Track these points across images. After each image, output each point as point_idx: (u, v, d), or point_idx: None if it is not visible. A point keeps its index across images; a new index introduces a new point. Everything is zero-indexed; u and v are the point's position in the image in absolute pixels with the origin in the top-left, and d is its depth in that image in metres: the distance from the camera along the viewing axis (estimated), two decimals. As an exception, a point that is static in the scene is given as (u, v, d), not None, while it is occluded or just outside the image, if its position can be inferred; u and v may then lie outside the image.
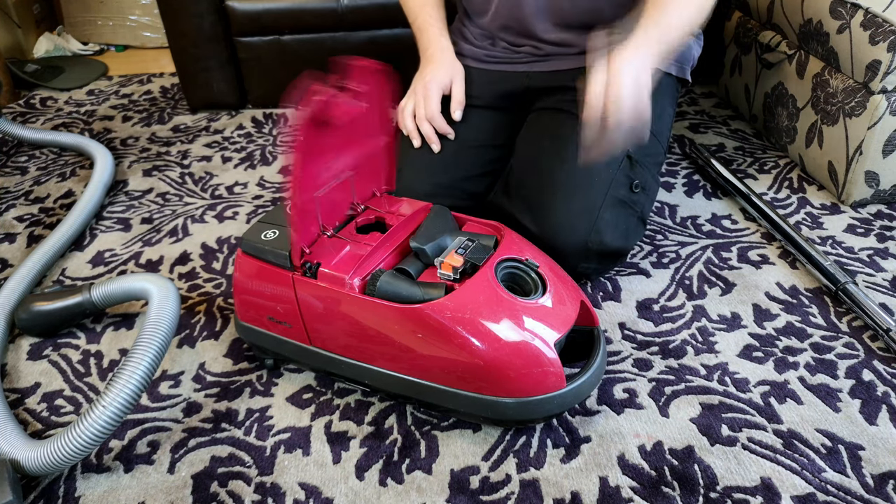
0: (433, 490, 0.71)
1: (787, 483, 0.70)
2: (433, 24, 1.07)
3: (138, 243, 1.15)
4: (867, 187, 1.13)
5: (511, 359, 0.69)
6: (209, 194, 1.30)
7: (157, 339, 0.78)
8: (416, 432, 0.78)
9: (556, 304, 0.73)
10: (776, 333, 0.89)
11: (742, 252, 1.05)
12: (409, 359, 0.73)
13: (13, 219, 1.25)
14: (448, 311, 0.69)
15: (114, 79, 1.91)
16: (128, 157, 1.45)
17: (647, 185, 0.96)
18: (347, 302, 0.73)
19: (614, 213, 0.91)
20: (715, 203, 1.18)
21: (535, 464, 0.73)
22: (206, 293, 1.02)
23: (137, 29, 2.11)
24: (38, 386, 0.87)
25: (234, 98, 1.65)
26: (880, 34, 1.02)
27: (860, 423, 0.76)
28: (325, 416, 0.80)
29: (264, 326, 0.82)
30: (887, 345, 0.86)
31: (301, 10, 1.52)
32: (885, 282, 0.97)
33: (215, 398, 0.84)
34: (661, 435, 0.76)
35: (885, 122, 1.06)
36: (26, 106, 1.74)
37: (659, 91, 1.03)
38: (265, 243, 0.77)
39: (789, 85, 1.26)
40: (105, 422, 0.70)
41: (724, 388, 0.81)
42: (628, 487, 0.70)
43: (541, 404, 0.71)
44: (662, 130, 1.01)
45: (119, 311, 0.99)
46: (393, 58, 0.92)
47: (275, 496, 0.71)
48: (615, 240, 0.92)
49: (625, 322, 0.92)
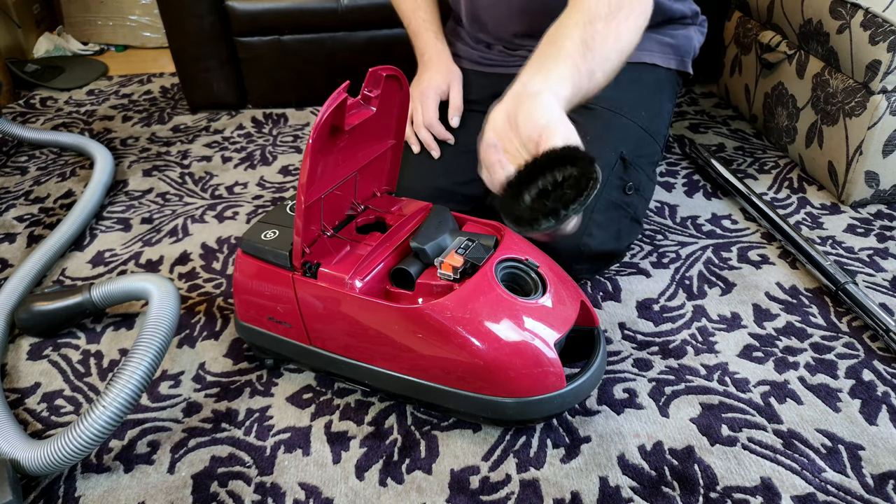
0: (433, 490, 0.71)
1: (787, 483, 0.70)
2: (428, 28, 1.07)
3: (138, 243, 1.15)
4: (867, 187, 1.13)
5: (511, 359, 0.69)
6: (209, 194, 1.30)
7: (157, 339, 0.78)
8: (416, 432, 0.78)
9: (556, 304, 0.73)
10: (776, 333, 0.89)
11: (742, 252, 1.05)
12: (409, 359, 0.73)
13: (13, 219, 1.25)
14: (448, 311, 0.69)
15: (114, 79, 1.91)
16: (128, 157, 1.45)
17: (642, 186, 0.96)
18: (347, 302, 0.73)
19: (606, 215, 0.91)
20: (715, 203, 1.18)
21: (535, 464, 0.73)
22: (206, 293, 1.02)
23: (137, 29, 2.11)
24: (38, 386, 0.87)
25: (234, 98, 1.66)
26: (880, 34, 1.02)
27: (860, 423, 0.76)
28: (325, 416, 0.80)
29: (264, 326, 0.82)
30: (887, 345, 0.86)
31: (301, 10, 1.52)
32: (885, 282, 0.97)
33: (215, 398, 0.84)
34: (661, 435, 0.76)
35: (885, 122, 1.06)
36: (26, 106, 1.74)
37: (657, 86, 1.03)
38: (265, 243, 0.77)
39: (789, 85, 1.26)
40: (105, 422, 0.70)
41: (724, 388, 0.81)
42: (628, 487, 0.70)
43: (541, 404, 0.71)
44: (660, 129, 1.00)
45: (119, 311, 0.99)
46: (393, 58, 0.92)
47: (275, 496, 0.71)
48: (607, 242, 0.91)
49: (625, 322, 0.92)
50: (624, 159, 0.92)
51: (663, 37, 1.02)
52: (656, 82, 1.02)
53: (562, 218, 0.61)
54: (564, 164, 0.62)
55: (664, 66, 1.03)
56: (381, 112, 0.75)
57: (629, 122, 0.95)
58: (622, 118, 0.96)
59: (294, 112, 1.64)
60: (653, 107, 1.00)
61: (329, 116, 0.64)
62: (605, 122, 0.94)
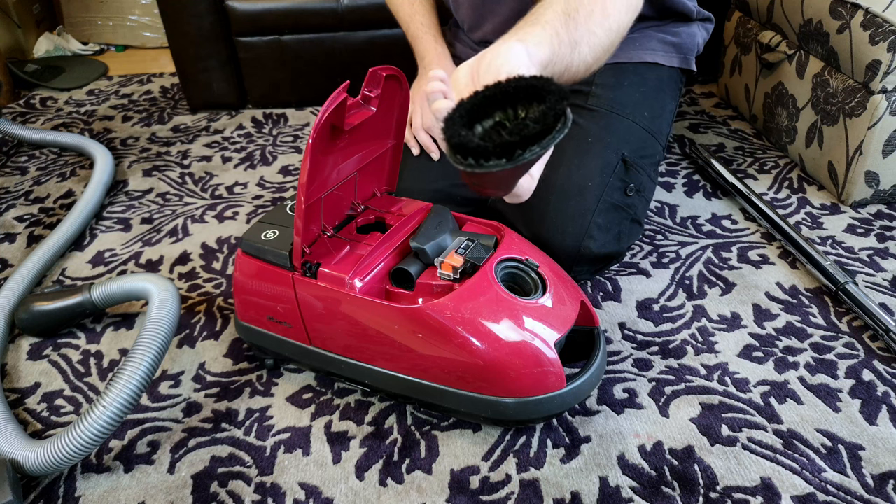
0: (433, 490, 0.71)
1: (787, 483, 0.70)
2: (427, 31, 1.07)
3: (138, 243, 1.15)
4: (867, 187, 1.13)
5: (511, 359, 0.69)
6: (209, 194, 1.30)
7: (158, 339, 0.78)
8: (416, 432, 0.78)
9: (556, 304, 0.73)
10: (776, 333, 0.89)
11: (742, 252, 1.05)
12: (409, 359, 0.73)
13: (13, 219, 1.25)
14: (448, 311, 0.69)
15: (114, 79, 1.91)
16: (128, 157, 1.45)
17: (643, 187, 0.96)
18: (347, 302, 0.73)
19: (607, 217, 0.91)
20: (715, 203, 1.18)
21: (535, 464, 0.73)
22: (206, 293, 1.02)
23: (137, 29, 2.11)
24: (38, 386, 0.87)
25: (234, 98, 1.66)
26: (880, 34, 1.02)
27: (860, 423, 0.76)
28: (325, 416, 0.80)
29: (264, 326, 0.82)
30: (887, 345, 0.86)
31: (301, 10, 1.52)
32: (885, 282, 0.97)
33: (215, 398, 0.84)
34: (661, 435, 0.76)
35: (885, 122, 1.06)
36: (26, 106, 1.74)
37: (659, 86, 1.03)
38: (265, 243, 0.77)
39: (789, 85, 1.26)
40: (105, 422, 0.70)
41: (724, 388, 0.81)
42: (628, 487, 0.70)
43: (541, 404, 0.71)
44: (662, 129, 1.00)
45: (119, 311, 0.99)
46: (393, 58, 0.92)
47: (275, 496, 0.71)
48: (608, 244, 0.91)
49: (625, 322, 0.92)
50: (625, 160, 0.92)
51: (666, 35, 1.02)
52: (658, 81, 1.02)
53: (516, 158, 0.48)
54: (531, 99, 0.51)
55: (667, 64, 1.02)
56: (382, 112, 0.75)
57: (631, 123, 0.95)
58: (624, 119, 0.96)
59: (294, 112, 1.65)
60: (655, 107, 1.00)
61: (329, 116, 0.64)
62: (606, 123, 0.94)
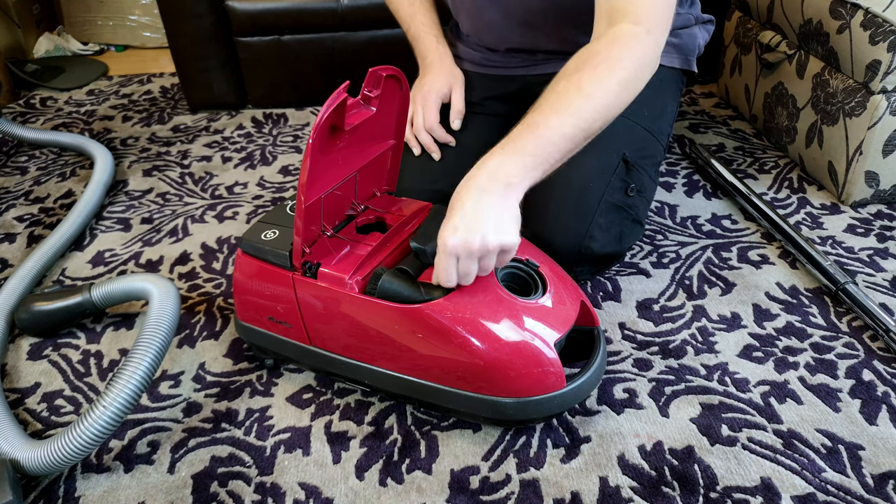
0: (433, 490, 0.71)
1: (787, 483, 0.70)
2: (428, 31, 1.07)
3: (138, 243, 1.15)
4: (867, 187, 1.13)
5: (511, 359, 0.69)
6: (209, 194, 1.30)
7: (158, 339, 0.78)
8: (416, 432, 0.78)
9: (556, 304, 0.73)
10: (776, 333, 0.89)
11: (742, 252, 1.05)
12: (409, 359, 0.73)
13: (13, 219, 1.25)
14: (448, 311, 0.69)
15: (114, 79, 1.91)
16: (128, 157, 1.45)
17: (644, 187, 0.96)
18: (347, 302, 0.73)
19: (608, 217, 0.91)
20: (715, 203, 1.18)
21: (535, 464, 0.73)
22: (206, 293, 1.02)
23: (137, 29, 2.11)
24: (38, 386, 0.87)
25: (234, 98, 1.66)
26: (880, 34, 1.02)
27: (860, 423, 0.76)
28: (325, 416, 0.80)
29: (264, 326, 0.82)
30: (887, 345, 0.86)
31: (301, 10, 1.52)
32: (885, 282, 0.97)
33: (215, 398, 0.84)
34: (661, 435, 0.76)
35: (885, 122, 1.06)
36: (26, 106, 1.74)
37: (660, 86, 1.03)
38: (265, 243, 0.77)
39: (789, 85, 1.26)
40: (105, 422, 0.70)
41: (724, 388, 0.81)
42: (628, 487, 0.70)
43: (541, 404, 0.71)
44: (663, 129, 1.00)
45: (119, 311, 0.99)
46: (393, 58, 0.92)
47: (275, 496, 0.71)
48: (609, 244, 0.91)
49: (625, 322, 0.92)
50: (626, 161, 0.92)
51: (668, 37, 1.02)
52: (659, 82, 1.02)
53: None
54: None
55: (668, 65, 1.02)
56: (382, 112, 0.75)
57: (632, 124, 0.95)
58: (625, 119, 0.95)
59: (294, 112, 1.64)
60: (656, 107, 1.00)
61: (329, 116, 0.64)
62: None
